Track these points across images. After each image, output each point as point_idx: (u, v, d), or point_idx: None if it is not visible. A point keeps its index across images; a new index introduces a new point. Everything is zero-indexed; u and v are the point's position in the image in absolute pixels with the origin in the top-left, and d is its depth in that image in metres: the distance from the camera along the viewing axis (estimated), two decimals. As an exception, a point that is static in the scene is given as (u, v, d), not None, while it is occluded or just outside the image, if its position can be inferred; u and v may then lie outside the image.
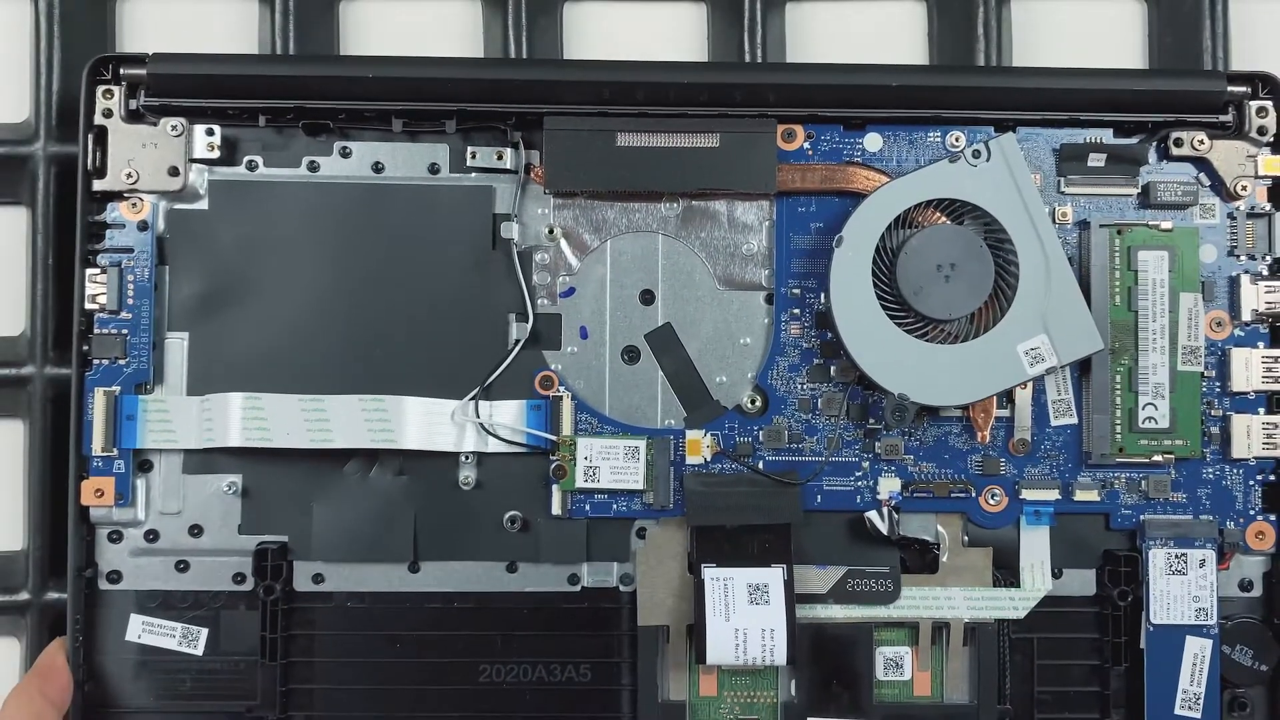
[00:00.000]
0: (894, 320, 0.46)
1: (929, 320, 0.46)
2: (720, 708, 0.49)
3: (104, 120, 0.48)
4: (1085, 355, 0.46)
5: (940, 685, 0.50)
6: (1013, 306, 0.45)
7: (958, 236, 0.46)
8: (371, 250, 0.48)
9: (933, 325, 0.46)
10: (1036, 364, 0.45)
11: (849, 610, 0.49)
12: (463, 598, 0.48)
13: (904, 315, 0.46)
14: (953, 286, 0.45)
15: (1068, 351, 0.45)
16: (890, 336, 0.45)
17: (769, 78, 0.49)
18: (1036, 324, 0.45)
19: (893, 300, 0.46)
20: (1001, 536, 0.49)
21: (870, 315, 0.45)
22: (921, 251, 0.45)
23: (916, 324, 0.46)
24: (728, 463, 0.49)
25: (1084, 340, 0.45)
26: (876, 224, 0.46)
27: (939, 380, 0.45)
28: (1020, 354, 0.44)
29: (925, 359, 0.45)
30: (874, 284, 0.45)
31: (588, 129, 0.48)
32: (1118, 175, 0.49)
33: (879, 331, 0.45)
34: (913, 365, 0.45)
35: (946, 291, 0.45)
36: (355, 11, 0.54)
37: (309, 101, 0.47)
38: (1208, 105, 0.49)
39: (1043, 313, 0.45)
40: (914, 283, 0.45)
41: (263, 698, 0.48)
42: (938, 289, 0.45)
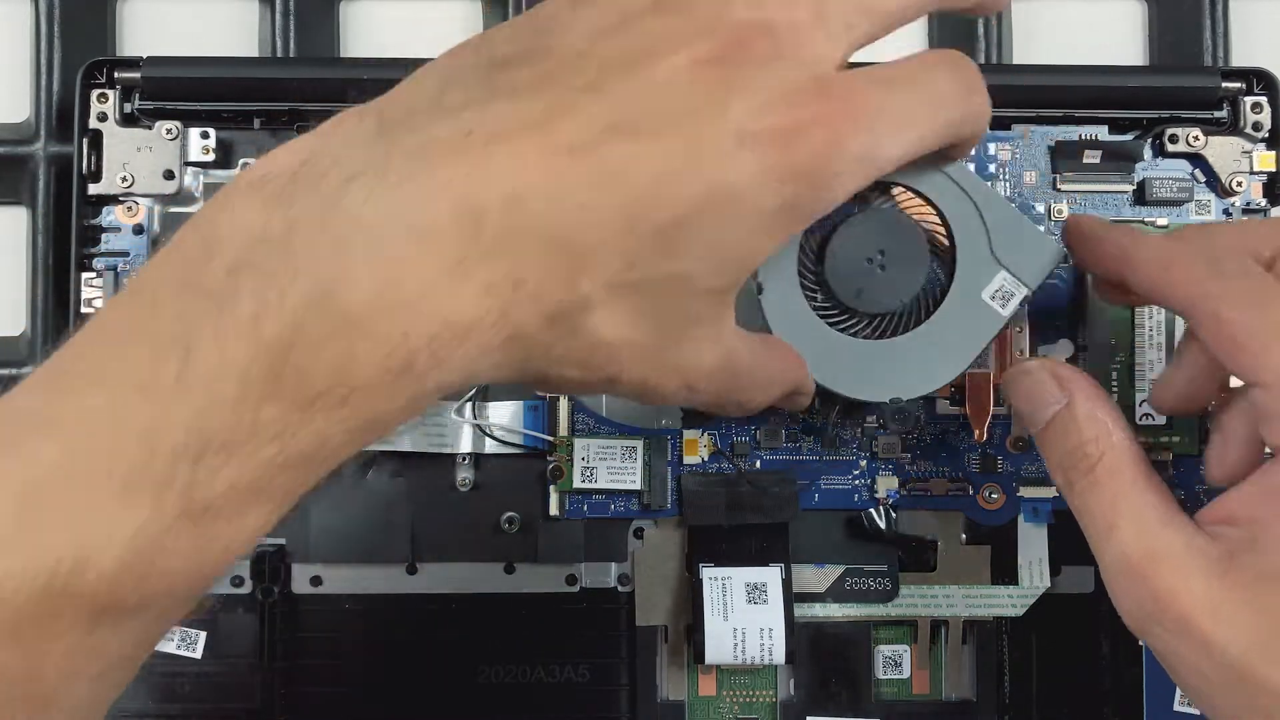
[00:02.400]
0: (843, 329, 0.41)
1: (879, 316, 0.41)
2: (719, 707, 0.49)
3: (99, 124, 0.48)
4: (1051, 269, 0.41)
5: (939, 683, 0.50)
6: (958, 265, 0.41)
7: (872, 221, 0.41)
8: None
9: (885, 320, 0.42)
10: (1008, 301, 0.41)
11: (847, 609, 0.49)
12: (461, 599, 0.48)
13: (852, 321, 0.42)
14: (891, 273, 0.41)
15: (1032, 274, 0.41)
16: (845, 346, 0.41)
17: (764, 77, 0.49)
18: (990, 267, 0.41)
19: (835, 309, 0.41)
20: (1000, 534, 0.49)
21: (818, 336, 0.41)
22: (844, 253, 0.41)
23: (866, 325, 0.42)
24: (725, 462, 0.49)
25: (1042, 255, 0.41)
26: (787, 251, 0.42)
27: (916, 370, 0.42)
28: (988, 302, 0.41)
29: (891, 354, 0.41)
30: (812, 305, 0.41)
31: (583, 129, 0.48)
32: (1113, 172, 0.49)
33: (832, 347, 0.41)
34: (882, 366, 0.41)
35: (886, 280, 0.41)
36: (356, 12, 0.54)
37: (303, 104, 0.47)
38: (1203, 101, 0.49)
39: (990, 252, 0.41)
40: (851, 286, 0.41)
41: (261, 700, 0.48)
42: (876, 282, 0.41)
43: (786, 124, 0.30)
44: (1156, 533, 0.35)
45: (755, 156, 0.30)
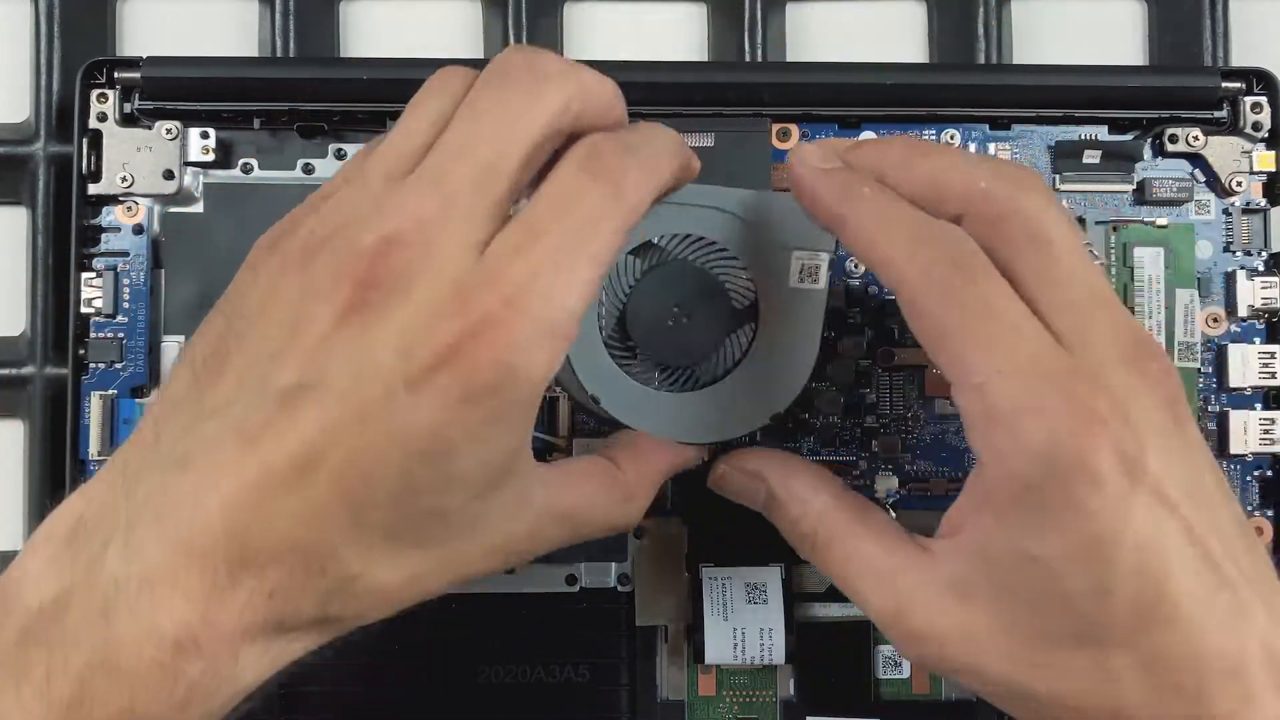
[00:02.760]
0: (686, 387, 0.42)
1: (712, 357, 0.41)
2: (719, 707, 0.49)
3: (98, 124, 0.48)
4: None
5: (940, 683, 0.50)
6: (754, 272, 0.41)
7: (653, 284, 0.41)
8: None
9: (721, 356, 0.41)
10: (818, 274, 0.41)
11: (847, 609, 0.49)
12: (460, 599, 0.48)
13: (689, 375, 0.42)
14: (698, 316, 0.41)
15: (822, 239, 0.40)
16: (701, 400, 0.41)
17: (763, 77, 0.49)
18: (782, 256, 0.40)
19: (671, 377, 0.41)
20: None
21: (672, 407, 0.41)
22: (646, 325, 0.40)
23: (709, 367, 0.41)
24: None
25: None
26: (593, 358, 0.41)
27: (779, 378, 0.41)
28: (801, 287, 0.40)
29: (748, 380, 0.41)
30: (651, 384, 0.41)
31: (583, 129, 0.48)
32: (1113, 172, 0.49)
33: (689, 408, 0.41)
34: (747, 394, 0.41)
35: (698, 323, 0.41)
36: (356, 12, 0.54)
37: (303, 104, 0.47)
38: (1202, 101, 0.49)
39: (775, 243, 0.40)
40: (673, 348, 0.41)
41: (261, 700, 0.48)
42: (690, 331, 0.41)
43: (441, 353, 0.30)
44: (892, 584, 0.36)
45: (430, 397, 0.30)
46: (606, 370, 0.41)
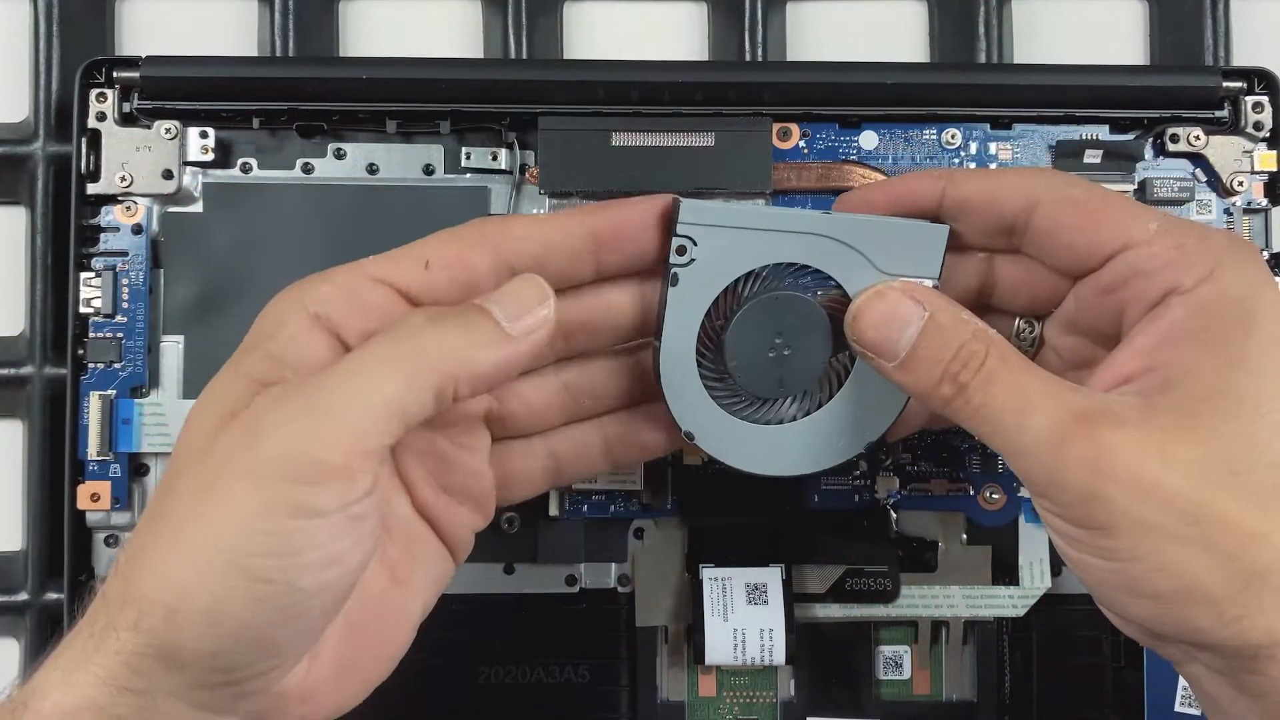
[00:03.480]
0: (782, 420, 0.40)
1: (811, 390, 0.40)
2: (719, 708, 0.49)
3: (97, 124, 0.48)
4: (944, 248, 0.39)
5: (940, 683, 0.50)
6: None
7: (755, 313, 0.39)
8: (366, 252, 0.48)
9: (820, 387, 0.40)
10: None
11: (848, 609, 0.49)
12: (460, 600, 0.48)
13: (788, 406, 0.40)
14: (798, 348, 0.39)
15: (929, 265, 0.39)
16: (794, 433, 0.40)
17: (764, 76, 0.49)
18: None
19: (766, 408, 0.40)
20: (1001, 534, 0.49)
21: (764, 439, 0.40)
22: (746, 356, 0.39)
23: (805, 399, 0.40)
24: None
25: (929, 241, 0.38)
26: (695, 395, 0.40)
27: (875, 407, 0.40)
28: None
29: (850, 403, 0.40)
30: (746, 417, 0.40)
31: (582, 129, 0.48)
32: (1114, 172, 0.49)
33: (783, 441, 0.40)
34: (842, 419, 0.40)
35: (798, 356, 0.39)
36: (355, 12, 0.54)
37: (302, 104, 0.47)
38: (1203, 101, 0.49)
39: (879, 273, 0.39)
40: (770, 380, 0.39)
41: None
42: (790, 364, 0.39)
43: None
44: (1075, 397, 0.34)
45: None
46: (703, 406, 0.39)
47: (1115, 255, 0.36)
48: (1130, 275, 0.35)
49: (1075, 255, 0.37)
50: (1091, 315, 0.37)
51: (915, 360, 0.36)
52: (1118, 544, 0.33)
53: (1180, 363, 0.34)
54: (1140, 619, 0.34)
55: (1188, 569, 0.32)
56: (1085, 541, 0.34)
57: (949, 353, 0.36)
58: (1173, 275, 0.34)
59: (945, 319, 0.36)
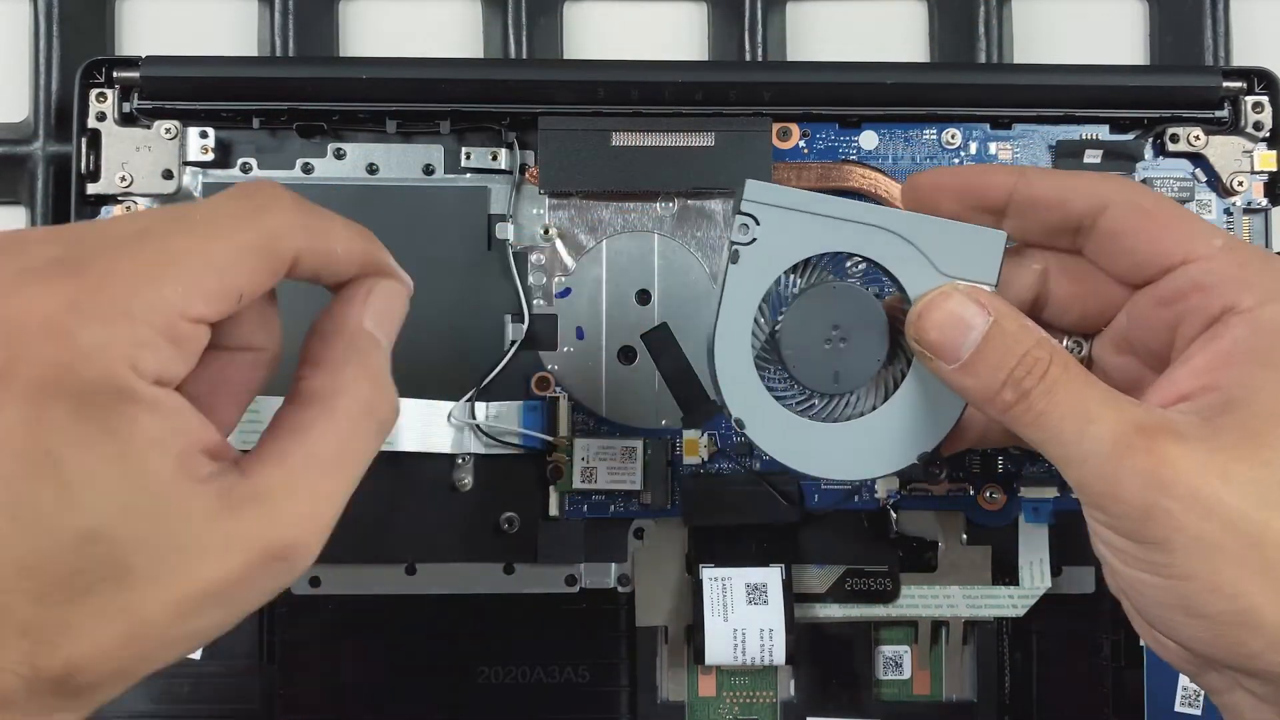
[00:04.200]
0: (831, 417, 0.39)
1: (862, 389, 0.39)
2: (719, 708, 0.49)
3: (97, 123, 0.48)
4: (1002, 255, 0.38)
5: (940, 683, 0.50)
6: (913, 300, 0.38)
7: (811, 304, 0.38)
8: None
9: (873, 388, 0.39)
10: None
11: (848, 609, 0.49)
12: (460, 600, 0.48)
13: (838, 403, 0.39)
14: (854, 342, 0.38)
15: (988, 269, 0.38)
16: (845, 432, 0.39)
17: (764, 76, 0.49)
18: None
19: (817, 401, 0.39)
20: (1001, 534, 0.49)
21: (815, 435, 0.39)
22: (800, 348, 0.38)
23: (855, 399, 0.39)
24: (725, 463, 0.49)
25: (988, 246, 0.38)
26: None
27: (927, 415, 0.39)
28: None
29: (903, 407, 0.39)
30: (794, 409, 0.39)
31: (582, 129, 0.48)
32: (1114, 172, 0.49)
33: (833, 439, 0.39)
34: (896, 426, 0.39)
35: (854, 350, 0.38)
36: (355, 12, 0.54)
37: (302, 104, 0.47)
38: (1203, 101, 0.49)
39: (939, 273, 0.38)
40: (825, 373, 0.38)
41: (261, 701, 0.48)
42: (846, 358, 0.38)
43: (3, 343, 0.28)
44: (1136, 410, 0.34)
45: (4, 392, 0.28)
46: (755, 393, 0.38)
47: (1176, 267, 0.35)
48: (1190, 289, 0.35)
49: (1136, 262, 0.37)
50: (1145, 330, 0.37)
51: (978, 364, 0.36)
52: (1173, 560, 0.32)
53: (1242, 383, 0.33)
54: (1189, 640, 0.34)
55: (1244, 591, 0.32)
56: (1138, 557, 0.33)
57: (1013, 358, 0.35)
58: (1233, 293, 0.34)
59: (1010, 325, 0.36)
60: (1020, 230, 0.39)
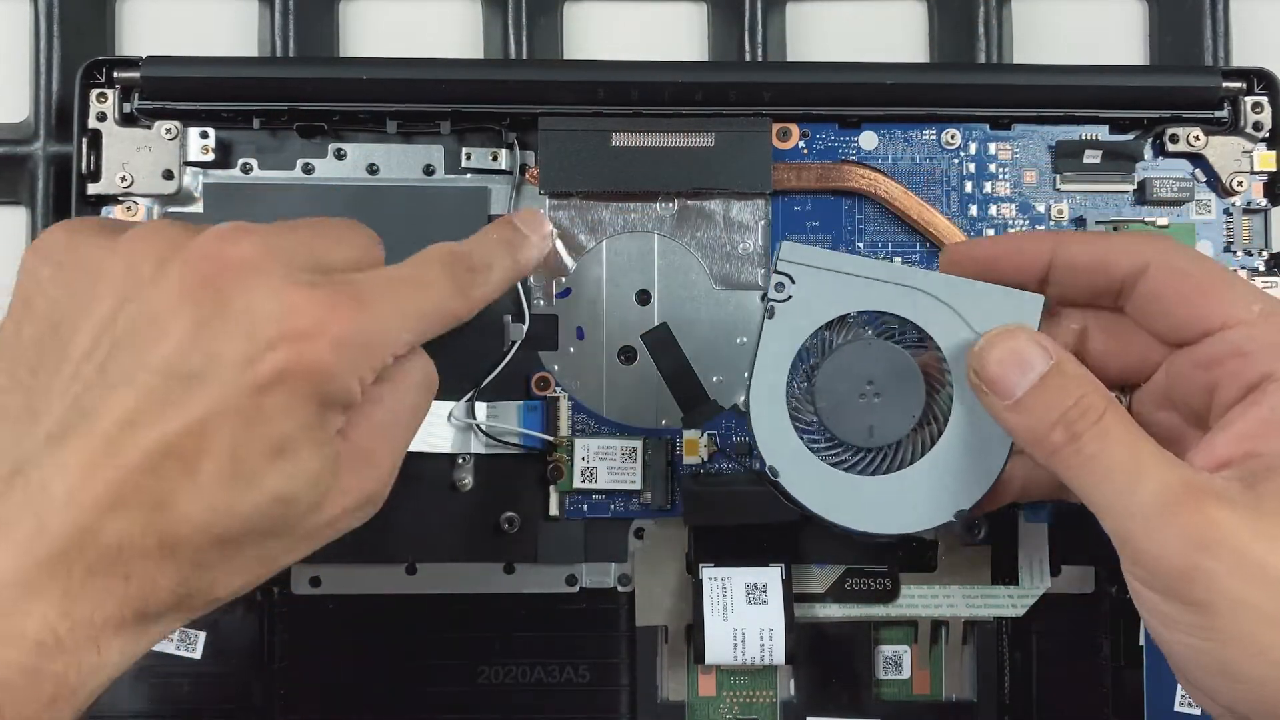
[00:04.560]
0: (868, 470, 0.40)
1: (900, 443, 0.40)
2: (719, 708, 0.49)
3: (98, 124, 0.48)
4: (1039, 319, 0.39)
5: (940, 683, 0.50)
6: (949, 361, 0.39)
7: (847, 357, 0.40)
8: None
9: (908, 443, 0.40)
10: None
11: (848, 609, 0.49)
12: (460, 599, 0.48)
13: (875, 458, 0.40)
14: (888, 398, 0.40)
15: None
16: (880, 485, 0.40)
17: (764, 76, 0.49)
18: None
19: (853, 455, 0.41)
20: (1000, 534, 0.49)
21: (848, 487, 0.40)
22: (835, 401, 0.40)
23: (892, 455, 0.40)
24: (725, 463, 0.49)
25: (1025, 310, 0.39)
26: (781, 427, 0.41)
27: (966, 471, 0.39)
28: None
29: (938, 463, 0.40)
30: (830, 460, 0.40)
31: (582, 129, 0.48)
32: (1113, 172, 0.49)
33: (867, 492, 0.40)
34: (930, 484, 0.40)
35: (888, 406, 0.40)
36: (355, 12, 0.54)
37: (302, 104, 0.47)
38: (1203, 101, 0.49)
39: (976, 334, 0.39)
40: (860, 426, 0.40)
41: (261, 700, 0.48)
42: (880, 412, 0.40)
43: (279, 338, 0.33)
44: (1185, 469, 0.34)
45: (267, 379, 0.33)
46: (789, 444, 0.40)
47: (1215, 331, 0.36)
48: (1228, 355, 0.35)
49: (1174, 325, 0.37)
50: (1185, 390, 0.37)
51: (1032, 402, 0.36)
52: (1215, 623, 0.32)
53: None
54: (1233, 704, 0.34)
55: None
56: (1180, 620, 0.33)
57: (1070, 400, 0.35)
58: (1272, 360, 0.34)
59: (1071, 369, 0.36)
60: (1060, 294, 0.39)
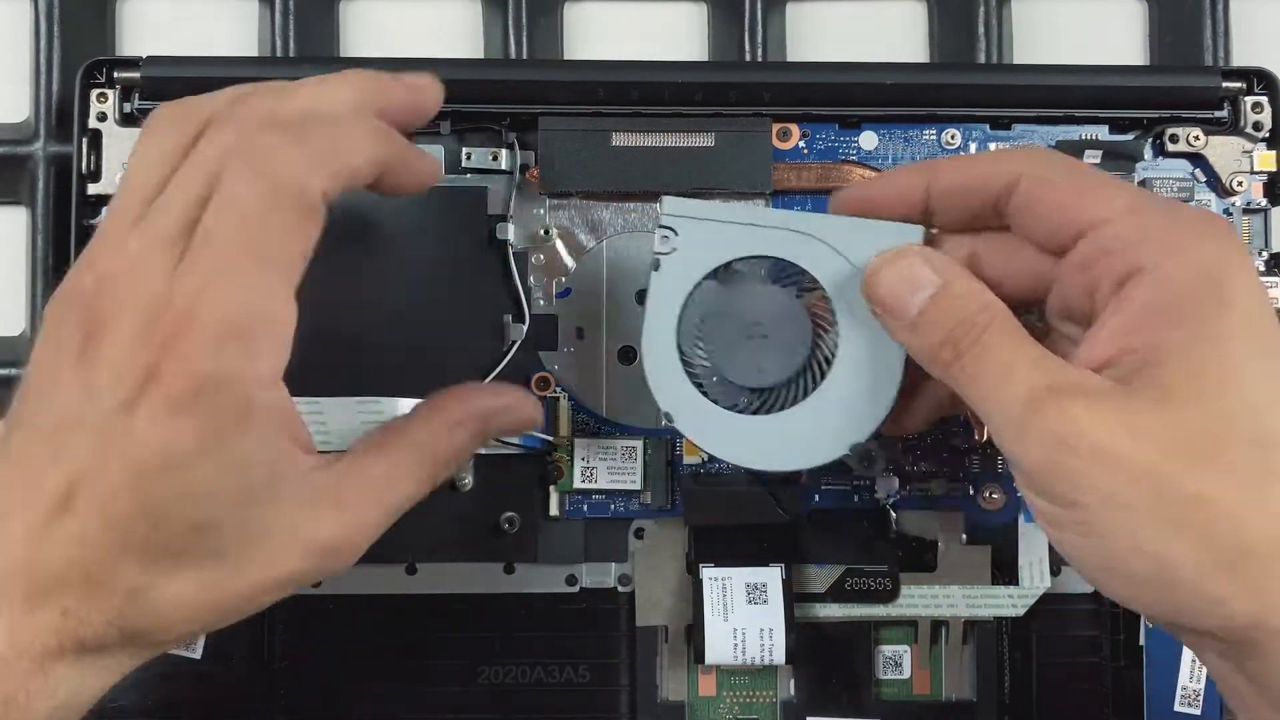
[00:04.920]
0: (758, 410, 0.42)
1: (790, 383, 0.41)
2: (719, 708, 0.49)
3: (98, 124, 0.48)
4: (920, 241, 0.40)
5: (940, 683, 0.50)
6: (833, 300, 0.40)
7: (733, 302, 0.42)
8: (366, 252, 0.48)
9: (796, 381, 0.41)
10: None
11: (848, 609, 0.49)
12: (460, 599, 0.48)
13: (767, 398, 0.42)
14: (776, 338, 0.41)
15: None
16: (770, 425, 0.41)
17: (764, 76, 0.49)
18: None
19: (745, 397, 0.42)
20: (1000, 534, 0.49)
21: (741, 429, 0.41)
22: (725, 344, 0.42)
23: (782, 395, 0.41)
24: (725, 462, 0.49)
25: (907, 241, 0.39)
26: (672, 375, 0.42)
27: (856, 406, 0.41)
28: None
29: (829, 399, 0.41)
30: (723, 405, 0.42)
31: (582, 129, 0.48)
32: (1113, 172, 0.49)
33: (758, 432, 0.41)
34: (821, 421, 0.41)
35: (776, 345, 0.41)
36: (355, 12, 0.54)
37: (303, 104, 0.47)
38: (1203, 101, 0.49)
39: (856, 269, 0.40)
40: (735, 368, 0.42)
41: (261, 700, 0.48)
42: (768, 352, 0.41)
43: (141, 374, 0.33)
44: (1056, 368, 0.35)
45: (145, 416, 0.33)
46: (681, 390, 0.41)
47: (1086, 234, 0.36)
48: (1099, 255, 0.35)
49: (1050, 233, 0.37)
50: (1072, 296, 0.37)
51: (924, 321, 0.37)
52: (1090, 520, 0.33)
53: (1153, 345, 0.34)
54: (1126, 601, 0.35)
55: (1164, 550, 0.32)
56: (1062, 519, 0.34)
57: (955, 317, 0.37)
58: (1138, 254, 0.35)
59: (959, 288, 0.37)
60: (945, 221, 0.40)
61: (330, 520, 0.36)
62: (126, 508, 0.33)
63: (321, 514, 0.36)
